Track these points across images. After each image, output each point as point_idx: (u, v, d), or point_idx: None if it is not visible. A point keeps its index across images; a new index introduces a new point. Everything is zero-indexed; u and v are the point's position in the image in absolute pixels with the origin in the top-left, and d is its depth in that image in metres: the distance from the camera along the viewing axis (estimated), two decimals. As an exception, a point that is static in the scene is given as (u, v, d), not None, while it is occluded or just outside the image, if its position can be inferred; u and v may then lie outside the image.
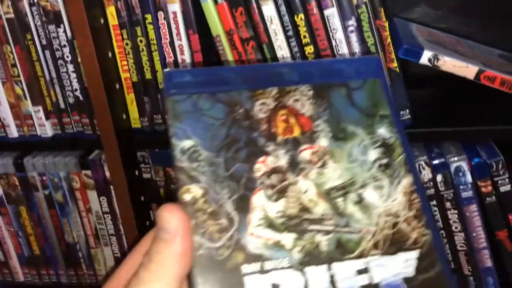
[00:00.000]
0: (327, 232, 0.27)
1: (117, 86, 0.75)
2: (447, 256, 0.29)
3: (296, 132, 0.29)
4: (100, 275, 0.93)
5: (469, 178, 0.68)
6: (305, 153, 0.28)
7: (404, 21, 0.77)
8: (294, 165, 0.28)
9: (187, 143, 0.27)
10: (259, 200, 0.27)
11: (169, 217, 0.25)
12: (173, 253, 0.24)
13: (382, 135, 0.29)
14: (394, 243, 0.27)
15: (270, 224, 0.26)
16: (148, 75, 0.74)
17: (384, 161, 0.28)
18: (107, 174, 0.82)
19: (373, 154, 0.29)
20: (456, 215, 0.71)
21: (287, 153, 0.28)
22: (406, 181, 0.28)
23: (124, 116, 0.77)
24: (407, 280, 0.26)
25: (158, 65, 0.73)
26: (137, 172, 0.83)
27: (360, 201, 0.28)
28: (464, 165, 0.67)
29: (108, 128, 0.74)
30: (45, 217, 0.89)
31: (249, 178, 0.27)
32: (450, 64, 0.61)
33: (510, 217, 0.69)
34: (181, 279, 0.25)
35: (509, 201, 0.68)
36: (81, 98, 0.76)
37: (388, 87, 0.33)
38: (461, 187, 0.68)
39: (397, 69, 0.65)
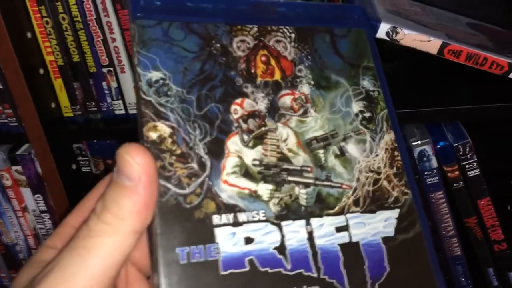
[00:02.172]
0: (307, 185, 0.25)
1: (42, 71, 0.66)
2: (426, 219, 0.27)
3: (277, 75, 0.27)
4: (46, 277, 0.86)
5: (434, 163, 0.62)
6: (286, 99, 0.26)
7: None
8: (274, 111, 0.26)
9: (155, 75, 0.24)
10: (235, 145, 0.24)
11: (131, 160, 0.21)
12: (134, 204, 0.21)
13: (366, 87, 0.28)
14: (375, 201, 0.26)
15: (246, 172, 0.24)
16: (76, 58, 0.65)
17: (367, 114, 0.27)
18: (40, 169, 0.73)
19: (356, 106, 0.27)
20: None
21: (266, 97, 0.26)
22: (388, 137, 0.27)
23: (53, 105, 0.68)
24: (386, 240, 0.25)
25: (85, 46, 0.64)
26: (74, 166, 0.75)
27: (341, 154, 0.26)
28: (429, 149, 0.61)
29: (33, 118, 0.66)
30: (-23, 217, 0.81)
31: (224, 120, 0.25)
32: (410, 38, 0.53)
33: (479, 203, 0.63)
34: (139, 233, 0.21)
35: (478, 186, 0.62)
36: (0, 86, 0.67)
37: (374, 37, 0.31)
38: (426, 173, 0.62)
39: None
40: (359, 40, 0.29)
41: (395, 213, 0.26)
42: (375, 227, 0.25)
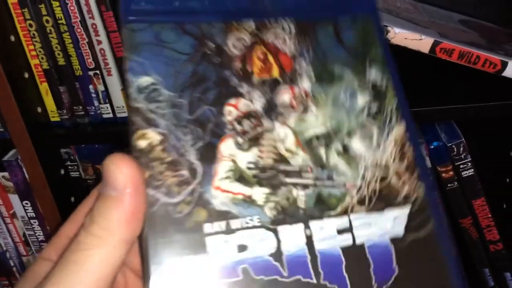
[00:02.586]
0: (306, 186, 0.23)
1: (26, 75, 0.65)
2: (443, 214, 0.25)
3: (275, 72, 0.25)
4: (36, 283, 0.85)
5: (428, 163, 0.61)
6: (284, 96, 0.25)
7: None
8: (271, 110, 0.24)
9: (144, 80, 0.23)
10: (228, 149, 0.23)
11: (117, 170, 0.20)
12: (120, 214, 0.20)
13: (373, 79, 0.26)
14: (382, 199, 0.24)
15: (240, 177, 0.23)
16: (61, 61, 0.63)
17: (375, 107, 0.26)
18: (27, 175, 0.72)
19: (362, 99, 0.26)
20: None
21: (263, 96, 0.24)
22: (398, 129, 0.25)
23: (39, 109, 0.67)
24: (394, 241, 0.23)
25: (71, 49, 0.62)
26: (63, 171, 0.73)
27: (345, 152, 0.24)
28: (422, 149, 0.60)
29: (18, 123, 0.64)
30: (-35, 225, 0.79)
31: (217, 123, 0.23)
32: (401, 36, 0.52)
33: (474, 203, 0.62)
34: (129, 243, 0.21)
35: (473, 186, 0.61)
36: (-16, 91, 0.65)
37: (381, 25, 0.29)
38: (420, 173, 0.61)
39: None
40: (366, 28, 0.27)
41: (405, 211, 0.24)
42: (382, 227, 0.23)
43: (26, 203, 0.75)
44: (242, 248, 0.22)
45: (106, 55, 0.62)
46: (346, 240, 0.23)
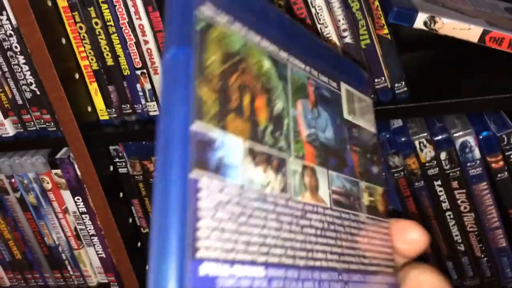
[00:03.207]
0: None
1: (77, 76, 0.67)
2: None
3: None
4: (87, 276, 0.88)
5: (477, 153, 0.60)
6: None
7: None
8: None
9: None
10: None
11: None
12: None
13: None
14: None
15: None
16: (110, 61, 0.65)
17: None
18: (79, 172, 0.74)
19: None
20: (465, 195, 0.63)
21: None
22: None
23: (89, 109, 0.69)
24: None
25: (119, 50, 0.64)
26: (111, 168, 0.76)
27: None
28: (471, 139, 0.59)
29: (71, 123, 0.67)
30: (20, 220, 0.83)
31: None
32: (449, 26, 0.52)
33: (525, 193, 0.61)
34: None
35: (524, 176, 0.60)
36: (38, 92, 0.68)
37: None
38: (468, 164, 0.61)
39: (389, 36, 0.56)
40: None
41: None
42: None
43: (78, 199, 0.78)
44: None
45: (152, 54, 0.64)
46: None
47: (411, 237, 0.24)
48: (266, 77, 0.21)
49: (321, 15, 0.56)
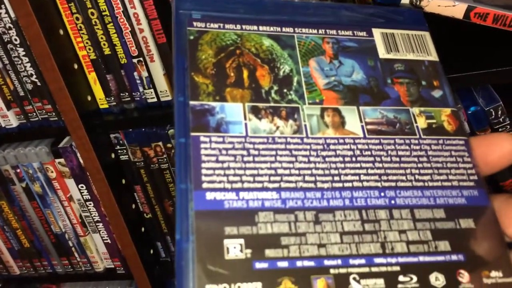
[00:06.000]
0: None
1: (76, 66, 0.69)
2: None
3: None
4: (94, 262, 0.90)
5: (466, 128, 0.61)
6: None
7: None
8: None
9: None
10: None
11: None
12: None
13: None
14: None
15: None
16: (107, 51, 0.67)
17: None
18: (81, 160, 0.77)
19: None
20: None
21: None
22: None
23: (89, 98, 0.71)
24: None
25: (115, 39, 0.66)
26: (113, 155, 0.78)
27: None
28: (460, 115, 0.61)
29: (72, 112, 0.69)
30: (27, 209, 0.85)
31: None
32: (434, 4, 0.53)
33: (515, 166, 0.63)
34: None
35: (513, 149, 0.61)
36: (38, 83, 0.70)
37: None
38: (458, 139, 0.62)
39: (376, 16, 0.57)
40: None
41: None
42: None
43: (82, 187, 0.80)
44: None
45: (148, 42, 0.65)
46: None
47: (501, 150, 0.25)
48: (267, 51, 0.26)
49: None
